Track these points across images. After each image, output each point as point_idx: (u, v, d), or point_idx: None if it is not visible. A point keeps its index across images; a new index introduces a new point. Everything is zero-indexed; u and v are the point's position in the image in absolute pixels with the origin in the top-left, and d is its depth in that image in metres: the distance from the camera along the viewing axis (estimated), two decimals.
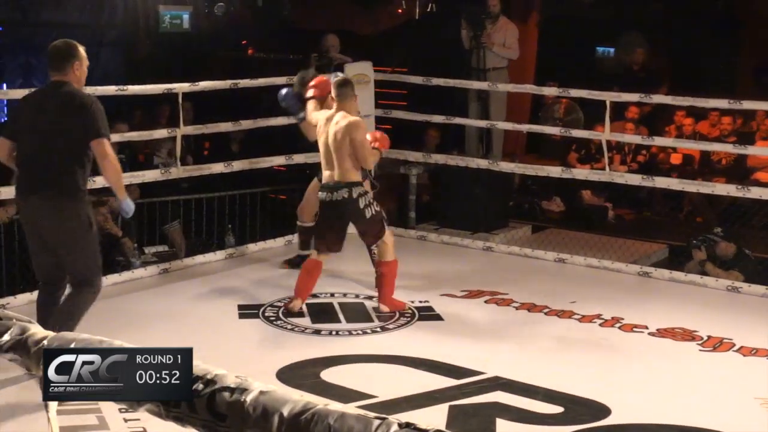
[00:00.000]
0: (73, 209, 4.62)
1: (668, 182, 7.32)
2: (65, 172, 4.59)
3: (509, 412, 4.54)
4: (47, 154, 4.59)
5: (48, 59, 4.72)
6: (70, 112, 4.58)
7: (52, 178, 4.58)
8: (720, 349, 5.54)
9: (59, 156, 4.59)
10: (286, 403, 1.87)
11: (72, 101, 4.60)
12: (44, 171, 4.59)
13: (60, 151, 4.59)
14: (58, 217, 4.60)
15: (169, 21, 11.32)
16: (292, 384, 4.66)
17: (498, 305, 6.27)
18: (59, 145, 4.59)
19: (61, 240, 4.64)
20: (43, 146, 4.60)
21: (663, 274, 7.02)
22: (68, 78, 4.66)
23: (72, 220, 4.62)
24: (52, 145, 4.58)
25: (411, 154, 8.26)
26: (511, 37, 8.67)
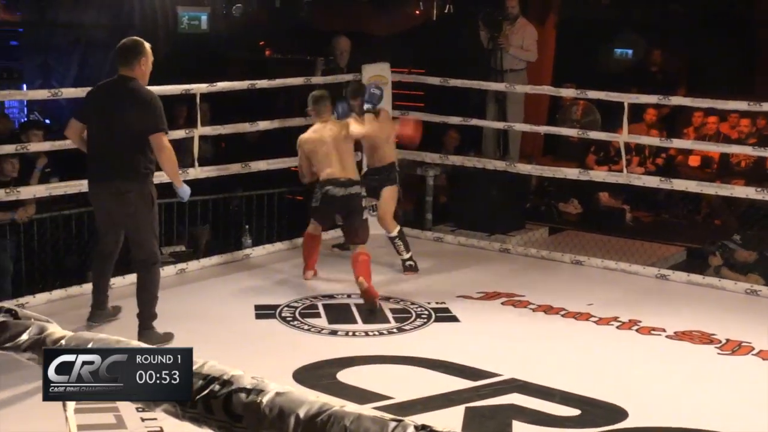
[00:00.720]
0: (138, 192, 5.14)
1: (686, 184, 7.27)
2: (129, 160, 5.09)
3: (525, 414, 4.53)
4: (113, 144, 5.10)
5: (117, 55, 5.19)
6: (134, 107, 5.08)
7: (118, 166, 5.10)
8: (738, 352, 5.50)
9: (124, 145, 5.08)
10: (302, 405, 1.87)
11: (136, 96, 5.10)
12: (111, 159, 5.11)
13: (124, 141, 5.08)
14: (124, 202, 5.14)
15: (187, 22, 11.36)
16: (309, 385, 4.66)
17: (515, 307, 6.25)
18: (124, 136, 5.07)
19: (128, 222, 5.23)
20: (110, 136, 5.10)
21: (681, 276, 6.98)
22: (134, 73, 5.15)
23: (136, 204, 5.15)
24: (118, 136, 5.08)
25: (428, 155, 8.26)
26: (530, 39, 8.65)
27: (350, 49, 8.36)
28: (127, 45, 5.21)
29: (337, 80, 8.00)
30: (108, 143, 5.13)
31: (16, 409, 4.36)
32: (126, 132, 5.07)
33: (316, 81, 7.82)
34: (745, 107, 7.54)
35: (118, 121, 5.08)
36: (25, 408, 4.35)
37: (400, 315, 6.01)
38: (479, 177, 8.19)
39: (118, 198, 5.13)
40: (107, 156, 5.14)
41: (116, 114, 5.08)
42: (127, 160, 5.09)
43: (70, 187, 6.43)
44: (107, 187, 5.16)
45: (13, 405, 4.40)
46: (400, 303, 6.24)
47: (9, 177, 6.79)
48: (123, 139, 5.08)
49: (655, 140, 8.47)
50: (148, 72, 5.24)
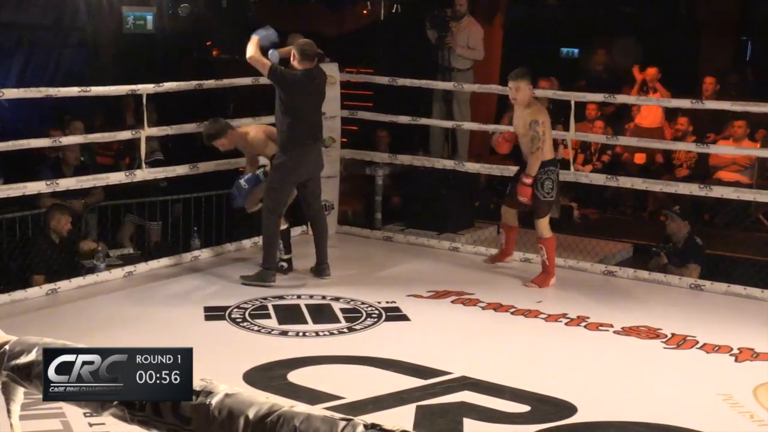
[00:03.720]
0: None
1: (632, 182, 7.39)
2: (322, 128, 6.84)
3: (476, 411, 4.56)
4: (317, 116, 6.72)
5: (307, 55, 6.47)
6: (324, 88, 6.78)
7: (320, 131, 6.79)
8: (684, 346, 5.60)
9: (320, 117, 6.79)
10: (251, 406, 1.87)
11: (326, 80, 6.80)
12: (317, 127, 6.70)
13: (320, 114, 6.80)
14: (321, 159, 6.82)
15: (132, 22, 11.23)
16: (260, 386, 4.64)
17: (464, 305, 6.29)
18: (320, 110, 6.78)
19: (318, 176, 6.78)
20: (316, 110, 6.67)
21: (627, 272, 7.08)
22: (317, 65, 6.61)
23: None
24: (318, 110, 6.72)
25: (377, 155, 8.27)
26: (475, 38, 8.70)
27: None
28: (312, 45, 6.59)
29: None
30: (316, 116, 6.69)
31: None
32: (320, 107, 6.78)
33: (264, 81, 7.78)
34: (688, 105, 7.67)
35: (320, 100, 6.73)
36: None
37: (350, 315, 6.01)
38: (428, 176, 8.22)
39: (320, 156, 6.80)
40: (316, 124, 6.70)
41: (319, 94, 6.69)
42: (322, 127, 6.85)
43: (12, 190, 6.32)
44: (317, 147, 6.73)
45: None
46: (350, 303, 6.24)
47: None
48: (320, 112, 6.80)
49: (601, 138, 8.57)
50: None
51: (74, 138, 7.05)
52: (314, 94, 6.61)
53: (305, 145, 6.56)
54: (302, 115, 6.52)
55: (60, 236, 6.93)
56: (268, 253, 6.58)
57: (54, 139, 6.75)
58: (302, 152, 6.56)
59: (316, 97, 6.66)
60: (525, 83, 6.52)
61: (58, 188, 6.54)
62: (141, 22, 11.27)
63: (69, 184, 6.62)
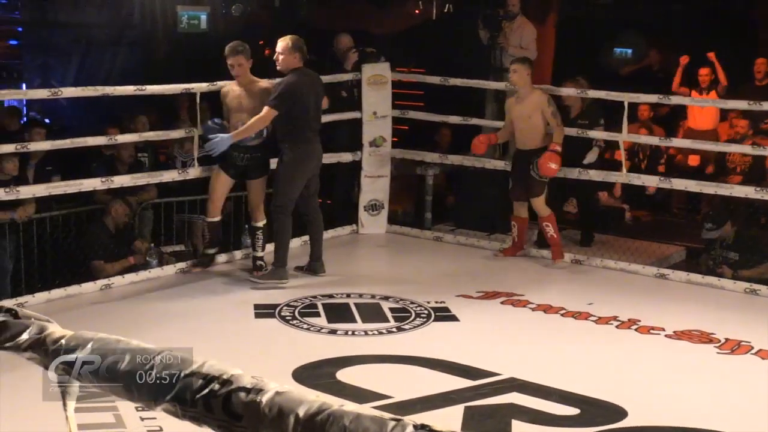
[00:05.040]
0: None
1: (686, 184, 7.28)
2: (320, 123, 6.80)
3: (525, 413, 4.54)
4: (319, 112, 6.70)
5: (302, 49, 6.50)
6: (322, 86, 6.81)
7: (319, 126, 6.73)
8: (738, 351, 5.51)
9: (320, 113, 6.75)
10: (301, 404, 1.88)
11: (320, 79, 6.82)
12: (318, 122, 6.68)
13: (320, 110, 6.75)
14: (322, 154, 6.76)
15: (186, 21, 11.36)
16: (308, 384, 4.67)
17: (514, 306, 6.26)
18: (320, 107, 6.75)
19: (318, 172, 6.74)
20: (317, 107, 6.65)
21: (680, 276, 6.99)
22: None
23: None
24: (319, 107, 6.71)
25: (427, 154, 8.26)
26: (528, 38, 8.64)
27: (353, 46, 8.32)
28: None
29: (337, 79, 8.00)
30: (317, 116, 6.69)
31: (16, 408, 4.36)
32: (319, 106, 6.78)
33: None
34: (744, 106, 7.54)
35: (319, 100, 6.75)
36: (26, 407, 4.35)
37: (399, 314, 6.01)
38: (479, 176, 8.19)
39: (321, 154, 6.77)
40: (317, 124, 6.68)
41: (319, 94, 6.74)
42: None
43: (69, 186, 6.44)
44: (319, 144, 6.71)
45: (13, 404, 4.40)
46: (399, 302, 6.25)
47: (9, 176, 6.80)
48: (320, 109, 6.79)
49: (654, 139, 8.46)
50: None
51: (129, 136, 7.14)
52: (313, 93, 6.60)
53: (309, 140, 6.58)
54: (305, 113, 6.52)
55: (116, 227, 7.03)
56: (280, 251, 6.57)
57: (110, 137, 6.86)
58: (308, 147, 6.58)
59: (316, 97, 6.66)
60: (523, 67, 7.15)
61: (113, 185, 6.64)
62: (195, 22, 11.39)
63: (123, 181, 6.72)
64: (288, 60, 6.48)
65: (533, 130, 7.15)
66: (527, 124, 7.15)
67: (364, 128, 7.98)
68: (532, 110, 7.11)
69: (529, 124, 7.15)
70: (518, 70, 7.14)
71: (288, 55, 6.47)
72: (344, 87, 8.12)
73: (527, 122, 7.15)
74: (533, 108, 7.11)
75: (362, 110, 7.97)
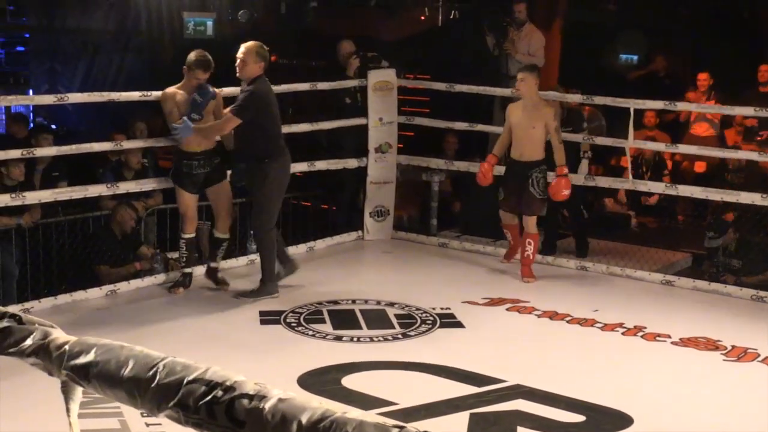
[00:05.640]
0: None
1: (692, 190, 7.27)
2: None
3: (530, 420, 4.53)
4: (280, 120, 6.41)
5: (264, 56, 6.20)
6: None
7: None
8: (744, 359, 5.49)
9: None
10: (304, 411, 1.87)
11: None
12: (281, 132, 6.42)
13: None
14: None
15: (193, 27, 11.40)
16: (313, 390, 4.66)
17: (520, 313, 6.25)
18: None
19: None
20: (279, 116, 6.36)
21: (686, 282, 6.97)
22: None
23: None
24: (279, 115, 6.38)
25: (433, 161, 8.26)
26: (536, 45, 8.65)
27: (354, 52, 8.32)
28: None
29: (342, 86, 8.01)
30: (280, 128, 6.44)
31: (19, 413, 4.36)
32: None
33: (322, 87, 7.84)
34: (751, 113, 7.52)
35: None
36: (29, 413, 4.35)
37: (405, 321, 6.00)
38: None
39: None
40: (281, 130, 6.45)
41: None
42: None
43: (75, 192, 6.45)
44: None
45: (16, 409, 4.40)
46: (405, 308, 6.24)
47: (16, 181, 6.82)
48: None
49: (660, 146, 8.45)
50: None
51: (136, 142, 7.15)
52: (276, 101, 6.38)
53: (285, 151, 6.38)
54: (275, 123, 6.32)
55: (123, 232, 7.04)
56: (268, 266, 6.38)
57: (116, 143, 6.87)
58: (287, 159, 6.40)
59: (276, 104, 6.40)
60: (532, 77, 6.89)
61: (119, 191, 6.65)
62: (201, 28, 11.43)
63: (129, 187, 6.72)
64: (253, 68, 6.18)
65: (534, 141, 6.87)
66: (529, 134, 6.87)
67: (369, 134, 7.98)
68: (536, 121, 6.83)
69: (531, 135, 6.87)
70: (526, 79, 6.87)
71: (254, 63, 6.17)
72: (348, 94, 8.13)
73: (529, 132, 6.87)
74: (538, 119, 6.84)
75: (368, 116, 7.97)
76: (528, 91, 6.90)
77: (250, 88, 6.15)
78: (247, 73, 6.18)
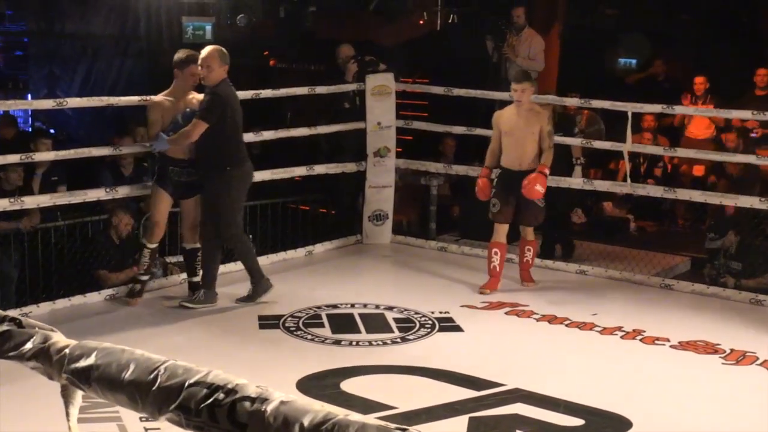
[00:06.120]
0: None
1: (690, 194, 7.27)
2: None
3: (529, 424, 4.53)
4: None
5: (226, 59, 6.02)
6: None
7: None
8: (743, 362, 5.49)
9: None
10: (306, 414, 1.87)
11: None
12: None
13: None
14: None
15: (192, 32, 11.40)
16: (313, 394, 4.66)
17: (518, 317, 6.25)
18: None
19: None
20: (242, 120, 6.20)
21: (685, 286, 6.98)
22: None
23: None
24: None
25: (432, 165, 8.26)
26: (536, 49, 8.66)
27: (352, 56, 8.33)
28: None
29: (341, 90, 8.02)
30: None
31: (17, 417, 4.36)
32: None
33: (320, 91, 7.85)
34: (748, 116, 7.53)
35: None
36: (29, 418, 4.35)
37: (404, 325, 6.00)
38: None
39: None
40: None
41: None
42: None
43: (74, 196, 6.45)
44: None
45: (15, 412, 4.40)
46: (403, 312, 6.24)
47: (14, 186, 6.81)
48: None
49: (659, 149, 8.45)
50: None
51: (134, 147, 7.15)
52: (239, 105, 6.22)
53: (247, 157, 6.28)
54: (238, 130, 6.19)
55: (120, 237, 7.04)
56: (252, 266, 6.32)
57: (115, 148, 6.87)
58: (249, 165, 6.26)
59: (240, 110, 6.24)
60: (530, 85, 6.75)
61: (117, 195, 6.65)
62: (200, 32, 11.44)
63: (126, 192, 6.71)
64: (218, 73, 6.01)
65: (533, 147, 6.61)
66: (525, 141, 6.60)
67: (368, 138, 7.98)
68: (534, 126, 6.59)
69: (527, 143, 6.60)
70: (527, 90, 6.65)
71: (218, 68, 6.00)
72: (347, 98, 8.14)
73: (526, 140, 6.60)
74: (536, 123, 6.60)
75: (366, 120, 7.98)
76: (528, 100, 6.71)
77: (215, 90, 6.00)
78: (213, 79, 6.01)
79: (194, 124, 5.99)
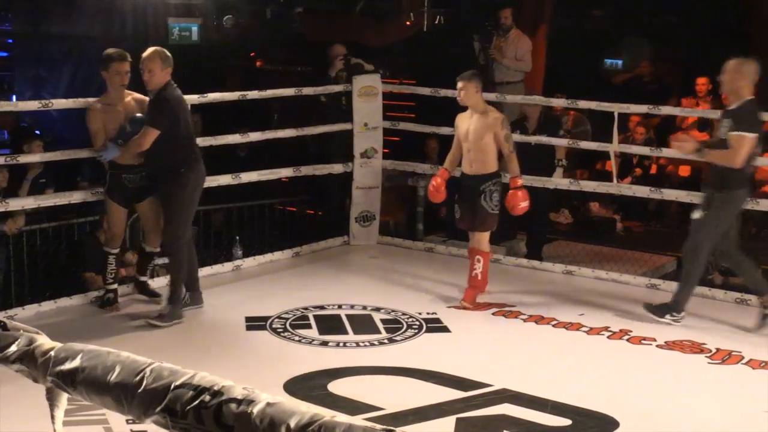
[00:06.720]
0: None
1: (676, 194, 7.30)
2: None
3: (517, 424, 4.54)
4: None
5: (170, 61, 5.88)
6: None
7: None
8: (729, 361, 5.51)
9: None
10: (293, 415, 1.87)
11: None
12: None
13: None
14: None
15: (178, 33, 11.35)
16: (300, 396, 4.66)
17: (506, 317, 6.26)
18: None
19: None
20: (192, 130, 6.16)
21: (671, 286, 6.97)
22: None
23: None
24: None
25: (419, 165, 8.27)
26: (523, 50, 8.68)
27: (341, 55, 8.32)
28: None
29: (328, 90, 8.01)
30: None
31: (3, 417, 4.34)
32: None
33: (307, 92, 7.84)
34: None
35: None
36: (14, 421, 4.33)
37: (391, 326, 6.01)
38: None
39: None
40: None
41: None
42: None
43: (59, 198, 6.41)
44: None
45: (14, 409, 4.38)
46: (391, 313, 6.24)
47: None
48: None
49: (645, 150, 8.49)
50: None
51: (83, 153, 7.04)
52: (187, 106, 6.09)
53: (200, 161, 6.06)
54: (189, 131, 6.04)
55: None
56: (176, 287, 6.03)
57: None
58: (202, 166, 6.07)
59: (188, 110, 6.13)
60: (472, 85, 6.31)
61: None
62: (186, 34, 11.39)
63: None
64: (162, 76, 5.84)
65: (484, 152, 6.33)
66: (478, 145, 6.33)
67: (355, 139, 7.98)
68: (484, 131, 6.30)
69: (480, 146, 6.33)
70: (466, 88, 6.30)
71: (161, 70, 5.83)
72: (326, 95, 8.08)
73: (478, 144, 6.33)
74: (485, 128, 6.30)
75: (353, 121, 7.98)
76: (470, 99, 6.34)
77: (162, 95, 5.84)
78: (156, 83, 5.84)
79: (145, 132, 5.82)
